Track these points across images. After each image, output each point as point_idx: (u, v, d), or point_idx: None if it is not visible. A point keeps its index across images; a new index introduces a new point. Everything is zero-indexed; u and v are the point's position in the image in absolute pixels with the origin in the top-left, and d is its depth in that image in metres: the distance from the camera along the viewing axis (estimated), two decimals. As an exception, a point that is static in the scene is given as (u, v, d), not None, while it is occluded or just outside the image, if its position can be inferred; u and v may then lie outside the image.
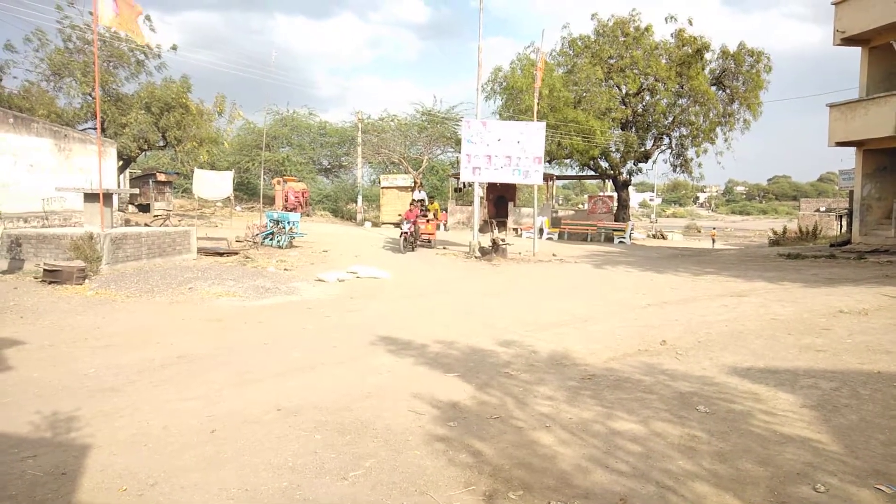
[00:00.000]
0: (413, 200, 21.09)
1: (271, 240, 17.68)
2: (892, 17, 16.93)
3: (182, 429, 4.32)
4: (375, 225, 33.90)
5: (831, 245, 21.10)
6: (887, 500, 3.26)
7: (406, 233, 18.66)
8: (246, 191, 40.26)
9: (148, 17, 23.18)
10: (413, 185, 22.00)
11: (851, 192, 21.69)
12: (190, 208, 31.97)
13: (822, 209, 41.04)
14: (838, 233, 29.19)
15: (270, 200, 33.87)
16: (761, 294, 10.52)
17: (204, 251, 15.26)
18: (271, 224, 18.31)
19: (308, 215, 33.18)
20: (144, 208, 29.90)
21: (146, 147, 25.11)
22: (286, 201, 32.07)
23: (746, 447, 3.94)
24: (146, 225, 19.44)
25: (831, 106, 19.31)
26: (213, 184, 25.08)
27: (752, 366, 5.89)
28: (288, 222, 18.17)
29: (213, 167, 30.84)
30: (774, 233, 31.70)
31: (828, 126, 19.40)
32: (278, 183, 33.58)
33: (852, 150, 20.01)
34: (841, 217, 30.97)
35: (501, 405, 4.77)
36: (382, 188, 36.11)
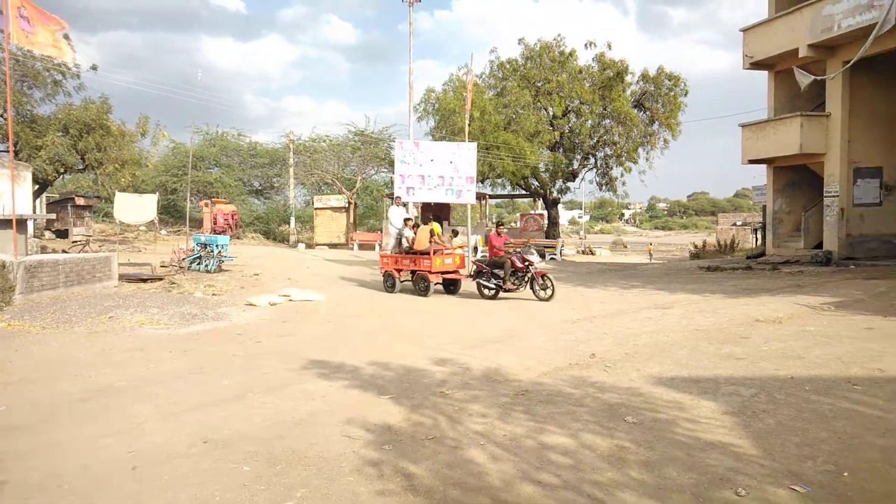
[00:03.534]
0: (413, 221, 14.93)
1: (199, 264, 17.14)
2: (793, 45, 18.22)
3: (101, 466, 4.10)
4: (309, 247, 33.45)
5: (748, 257, 22.26)
6: (800, 499, 3.43)
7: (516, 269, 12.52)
8: (172, 214, 38.94)
9: (66, 36, 22.26)
10: (396, 198, 16.84)
11: (764, 207, 23.01)
12: (111, 233, 30.61)
13: (739, 223, 43.32)
14: (754, 245, 30.84)
15: (198, 223, 32.86)
16: (684, 306, 10.97)
17: (126, 278, 14.64)
18: (198, 248, 17.76)
19: (238, 238, 32.40)
20: (62, 234, 28.42)
21: (63, 170, 23.99)
22: (215, 224, 31.22)
23: (672, 455, 4.07)
24: (64, 251, 18.47)
25: (743, 126, 20.51)
26: (136, 207, 24.11)
27: (676, 375, 6.12)
28: (216, 245, 17.68)
29: (136, 190, 29.72)
30: (695, 247, 33.16)
31: (741, 145, 20.58)
32: (206, 205, 32.66)
33: (764, 167, 21.28)
34: (756, 230, 32.76)
35: (435, 425, 4.77)
36: (316, 209, 35.74)
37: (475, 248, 27.40)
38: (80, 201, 29.97)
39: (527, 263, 12.51)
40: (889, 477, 3.67)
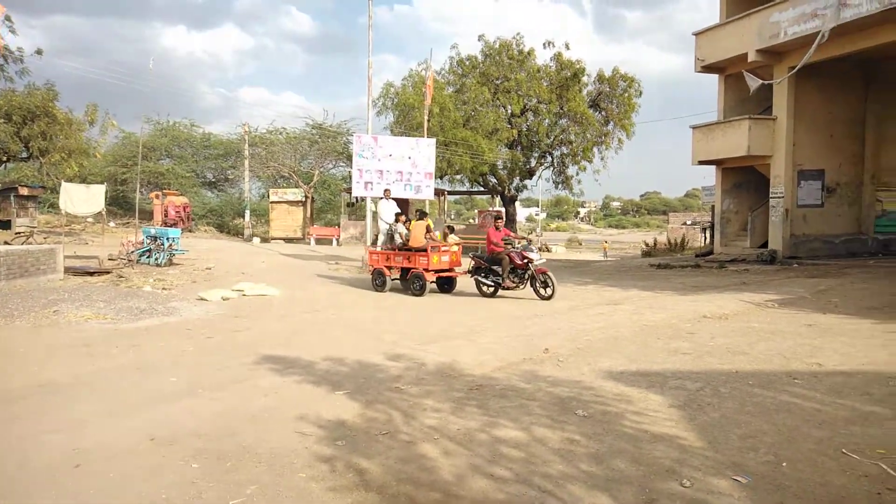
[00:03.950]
0: (414, 217, 14.03)
1: (148, 257, 16.71)
2: (742, 49, 18.78)
3: (42, 465, 3.96)
4: (265, 240, 32.93)
5: (696, 255, 22.87)
6: (742, 489, 3.55)
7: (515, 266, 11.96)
8: (121, 205, 37.78)
9: (8, 18, 21.29)
10: (386, 191, 15.62)
11: (713, 207, 23.66)
12: (57, 225, 29.49)
13: (689, 222, 44.48)
14: (702, 244, 31.70)
15: (148, 215, 31.97)
16: (635, 302, 11.21)
17: (72, 270, 14.16)
18: (148, 240, 17.31)
19: (190, 231, 31.69)
20: (5, 225, 27.28)
21: (6, 159, 23.04)
22: (166, 216, 30.49)
23: (620, 448, 4.17)
24: (6, 243, 17.73)
25: (694, 128, 21.04)
26: (83, 198, 23.31)
27: (625, 370, 6.26)
28: (167, 238, 17.25)
29: (84, 180, 28.76)
30: (646, 245, 33.87)
31: (692, 146, 21.11)
32: (157, 197, 31.81)
33: (713, 168, 21.88)
34: (704, 229, 33.67)
35: (389, 420, 4.77)
36: (272, 203, 35.24)
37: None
38: (24, 191, 28.78)
39: (526, 261, 11.84)
40: (823, 467, 3.82)
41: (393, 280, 13.65)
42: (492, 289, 12.39)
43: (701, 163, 21.26)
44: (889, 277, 13.78)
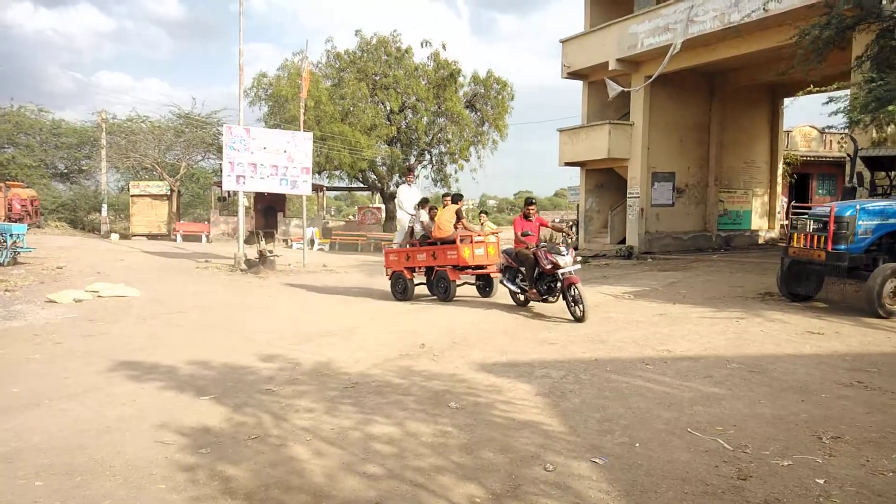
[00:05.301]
0: (443, 203, 11.77)
1: (-13, 257, 15.02)
2: (604, 58, 20.04)
3: None
4: (125, 237, 30.69)
5: (565, 251, 24.09)
6: (600, 471, 3.79)
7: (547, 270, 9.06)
8: (-47, 198, 33.57)
9: None
10: (408, 172, 14.03)
11: (578, 206, 25.06)
12: None
13: (557, 220, 46.73)
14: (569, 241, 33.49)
15: (-12, 210, 28.67)
16: (506, 296, 11.60)
17: None
18: (-13, 238, 15.55)
19: (39, 226, 28.91)
20: None
21: None
22: (10, 211, 27.64)
23: (489, 437, 4.31)
24: None
25: (561, 131, 22.17)
26: None
27: (496, 361, 6.49)
28: (10, 235, 15.61)
29: None
30: (521, 241, 35.23)
31: (559, 148, 22.23)
32: (-1, 189, 28.69)
33: (578, 169, 23.17)
34: (571, 227, 35.58)
35: (259, 424, 4.62)
36: (133, 196, 33.00)
37: (311, 241, 26.89)
38: None
39: (551, 266, 9.00)
40: (671, 445, 4.17)
41: (418, 285, 11.62)
42: (521, 296, 10.02)
43: (567, 164, 22.46)
44: (729, 270, 15.30)
